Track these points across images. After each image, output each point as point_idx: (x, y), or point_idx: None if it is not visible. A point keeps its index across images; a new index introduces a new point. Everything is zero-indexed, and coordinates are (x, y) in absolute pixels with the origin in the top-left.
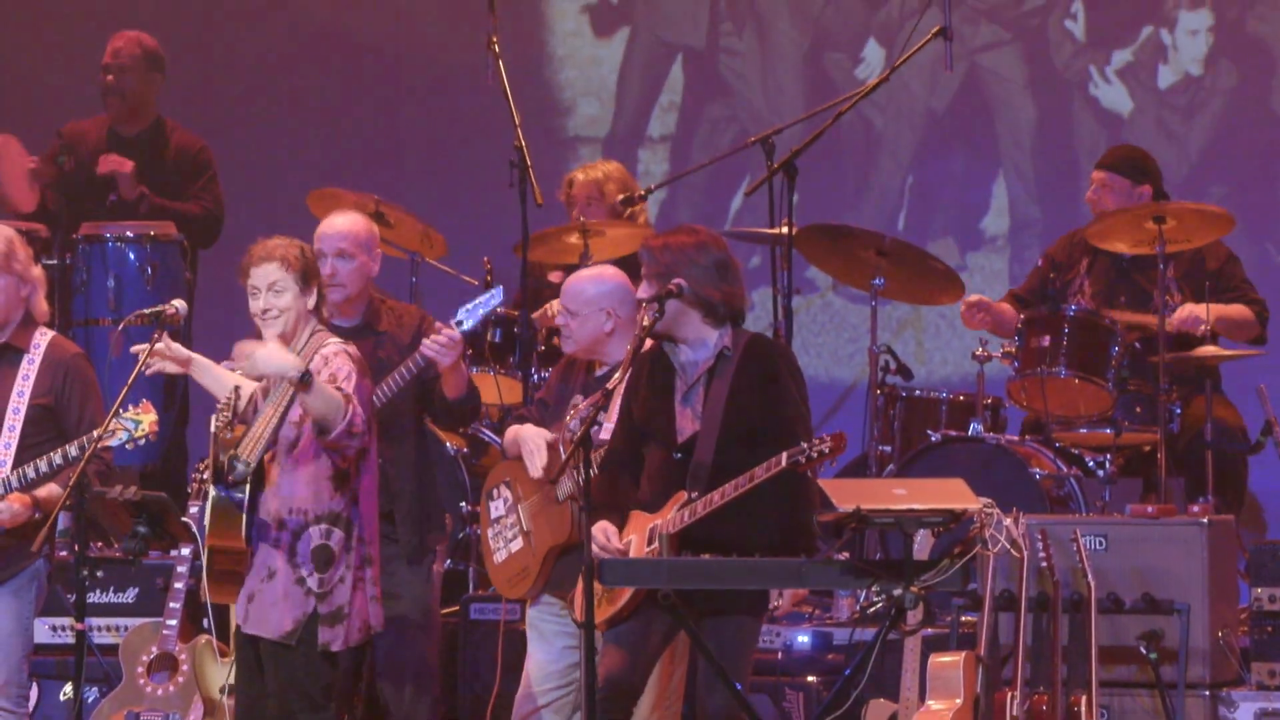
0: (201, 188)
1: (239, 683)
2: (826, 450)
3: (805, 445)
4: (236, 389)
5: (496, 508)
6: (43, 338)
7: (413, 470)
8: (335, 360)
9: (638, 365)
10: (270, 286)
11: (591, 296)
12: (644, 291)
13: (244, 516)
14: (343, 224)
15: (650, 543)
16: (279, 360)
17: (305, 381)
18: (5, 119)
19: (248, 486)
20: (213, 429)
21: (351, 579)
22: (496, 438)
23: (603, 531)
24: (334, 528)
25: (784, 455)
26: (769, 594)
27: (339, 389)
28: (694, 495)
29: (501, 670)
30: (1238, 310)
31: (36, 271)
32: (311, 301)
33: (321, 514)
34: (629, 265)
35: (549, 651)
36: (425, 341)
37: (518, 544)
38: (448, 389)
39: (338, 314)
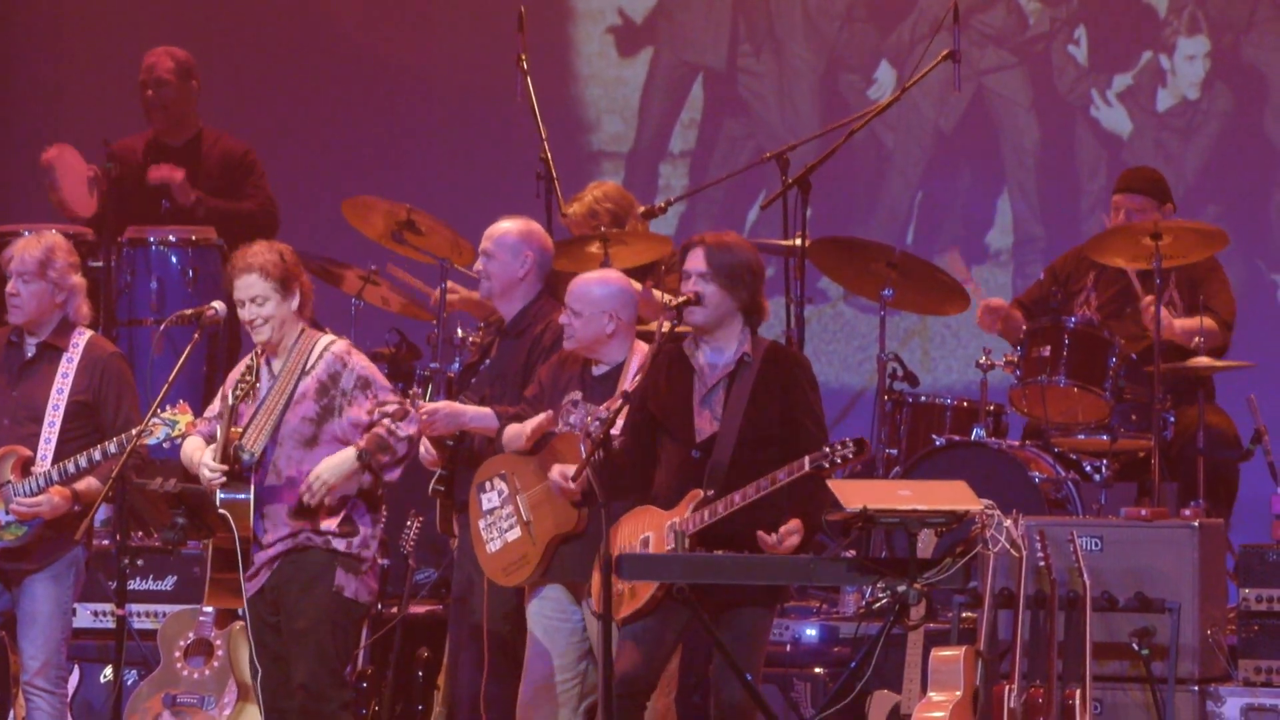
0: (253, 185)
1: (260, 654)
2: (850, 455)
3: (827, 449)
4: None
5: (490, 499)
6: (81, 337)
7: None
8: (352, 360)
9: (657, 363)
10: (253, 299)
11: (597, 298)
12: (694, 286)
13: (251, 507)
14: (498, 224)
15: (669, 541)
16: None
17: (364, 460)
18: (54, 136)
19: (253, 478)
20: (230, 401)
21: (374, 546)
22: None
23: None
24: (360, 501)
25: (806, 459)
26: (783, 588)
27: (385, 413)
28: (710, 494)
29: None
30: (1194, 323)
31: (76, 279)
32: (295, 304)
33: (344, 500)
34: (646, 273)
35: (555, 645)
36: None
37: (515, 534)
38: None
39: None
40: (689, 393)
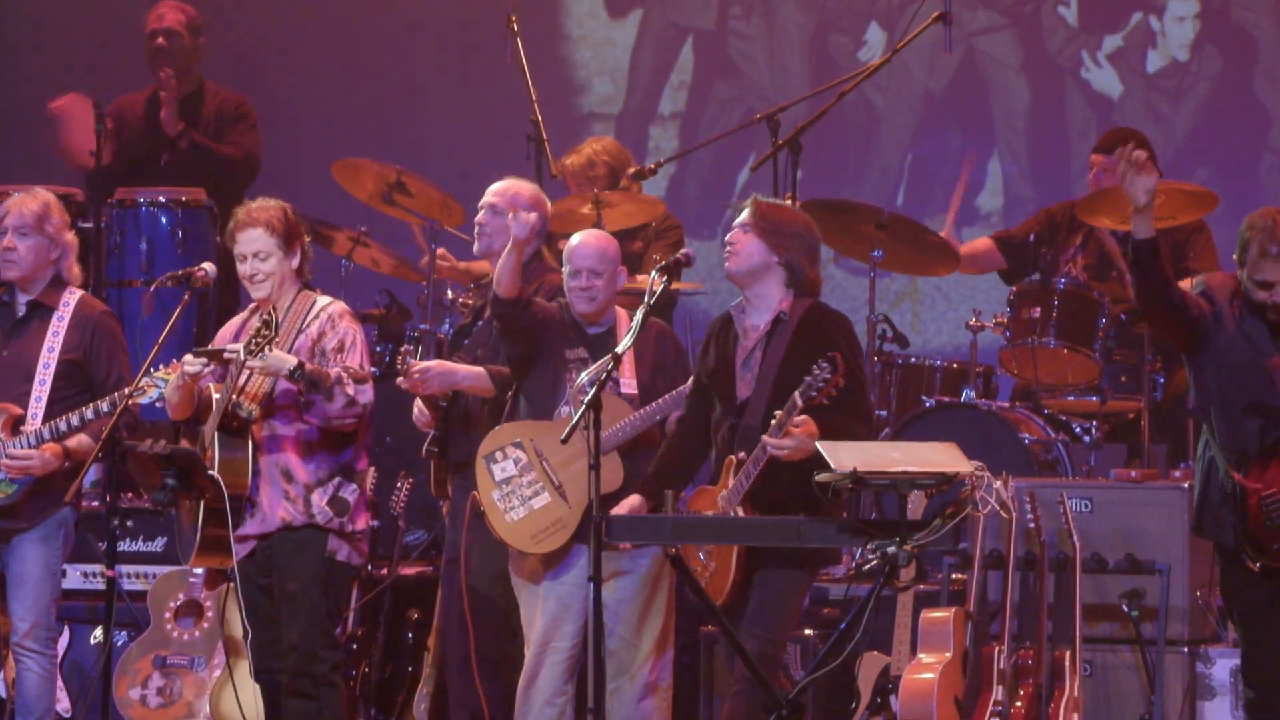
0: (241, 133)
1: (250, 616)
2: (829, 375)
3: (808, 379)
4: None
5: (504, 469)
6: (71, 296)
7: None
8: (342, 323)
9: (709, 332)
10: (255, 254)
11: (613, 258)
12: (733, 235)
13: (249, 463)
14: (511, 182)
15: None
16: (278, 361)
17: (297, 375)
18: (42, 96)
19: (250, 433)
20: (242, 356)
21: (362, 517)
22: None
23: (628, 506)
24: (348, 481)
25: (796, 394)
26: (830, 552)
27: (348, 369)
28: (741, 456)
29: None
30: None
31: (69, 237)
32: (295, 263)
33: (335, 469)
34: (637, 235)
35: (567, 615)
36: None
37: (543, 500)
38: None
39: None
40: (732, 357)
